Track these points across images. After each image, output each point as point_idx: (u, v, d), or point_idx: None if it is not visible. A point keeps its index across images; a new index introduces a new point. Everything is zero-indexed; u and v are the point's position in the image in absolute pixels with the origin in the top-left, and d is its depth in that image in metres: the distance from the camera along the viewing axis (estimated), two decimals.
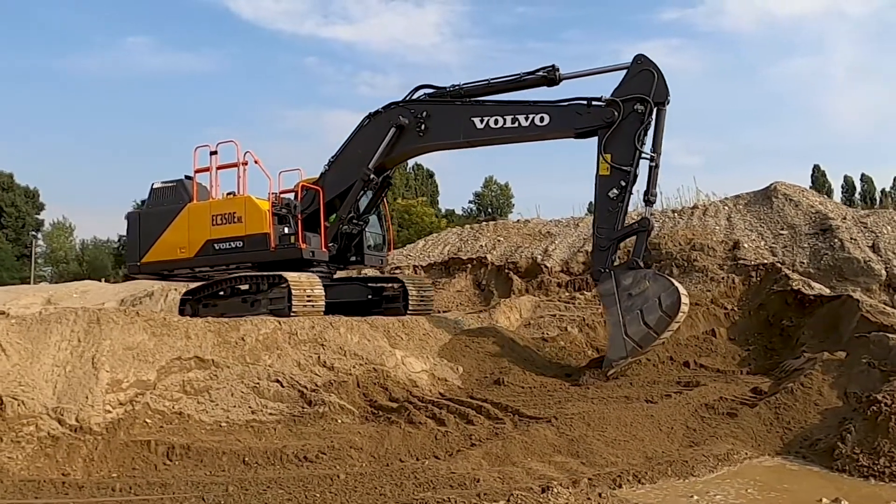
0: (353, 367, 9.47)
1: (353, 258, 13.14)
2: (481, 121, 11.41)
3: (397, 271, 19.26)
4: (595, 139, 10.95)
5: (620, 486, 6.02)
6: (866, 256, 13.86)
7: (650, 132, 10.59)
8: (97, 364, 7.90)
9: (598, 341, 12.73)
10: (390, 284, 12.93)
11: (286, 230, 12.48)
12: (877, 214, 16.27)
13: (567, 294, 16.01)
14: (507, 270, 19.15)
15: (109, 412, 7.53)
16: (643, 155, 10.51)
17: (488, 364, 10.82)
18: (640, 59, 10.63)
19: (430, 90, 12.18)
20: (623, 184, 10.52)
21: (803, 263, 14.45)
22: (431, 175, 64.57)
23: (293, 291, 10.62)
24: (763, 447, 7.21)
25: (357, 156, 12.37)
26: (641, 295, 10.06)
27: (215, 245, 12.90)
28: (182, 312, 13.88)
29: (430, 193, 64.09)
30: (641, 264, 10.42)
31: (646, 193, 10.80)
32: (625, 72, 10.79)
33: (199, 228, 13.04)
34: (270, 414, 8.09)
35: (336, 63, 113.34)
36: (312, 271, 12.19)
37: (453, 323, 12.39)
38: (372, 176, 12.17)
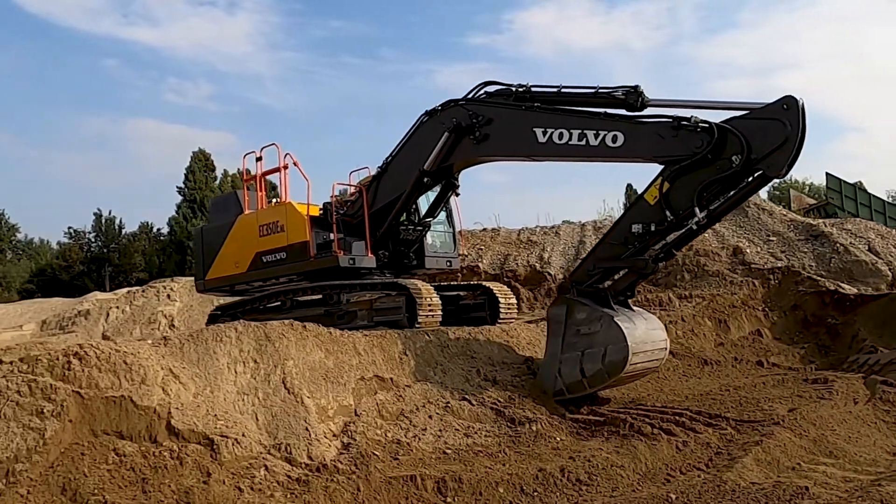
0: (513, 378, 8.76)
1: (413, 263, 12.16)
2: (544, 133, 9.39)
3: None
4: None
5: None
6: (872, 259, 15.33)
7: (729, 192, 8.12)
8: (292, 389, 6.64)
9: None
10: (475, 292, 12.14)
11: (331, 237, 11.35)
12: (853, 222, 18.07)
13: None
14: (506, 279, 18.85)
15: (329, 445, 6.33)
16: (697, 214, 8.01)
17: None
18: (788, 104, 7.49)
19: (494, 88, 10.43)
20: (653, 228, 8.31)
21: (812, 266, 15.64)
22: (274, 187, 61.82)
23: (417, 301, 9.62)
24: None
25: (413, 157, 11.29)
26: (589, 337, 8.48)
27: (263, 258, 11.58)
28: None
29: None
30: (612, 300, 8.68)
31: (665, 247, 8.89)
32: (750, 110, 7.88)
33: (249, 241, 11.76)
34: (486, 436, 7.22)
35: (139, 67, 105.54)
36: (363, 281, 11.17)
37: (540, 331, 11.90)
38: (427, 179, 10.98)
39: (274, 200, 12.26)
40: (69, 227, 62.15)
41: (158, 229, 60.70)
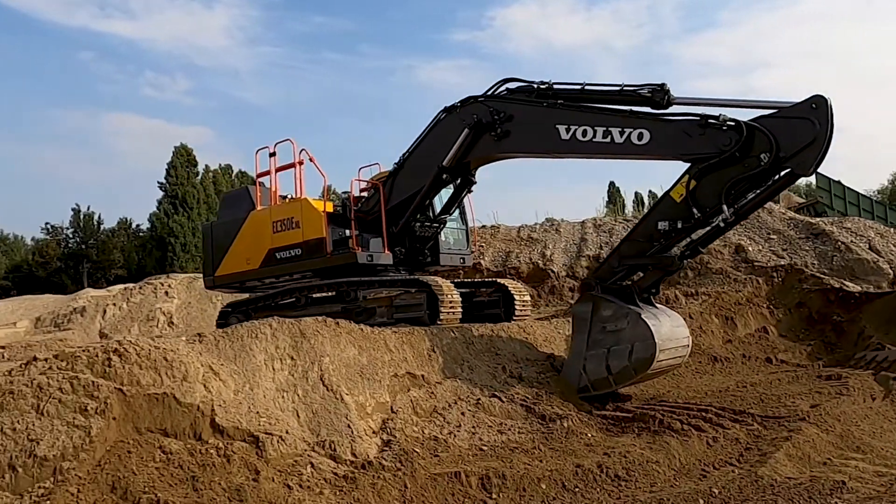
0: (538, 375, 8.80)
1: (428, 260, 12.16)
2: (567, 130, 9.28)
3: None
4: None
5: None
6: (874, 257, 15.56)
7: (756, 191, 8.19)
8: (330, 386, 6.64)
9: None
10: (490, 289, 12.16)
11: (347, 233, 11.33)
12: (852, 221, 18.32)
13: None
14: (508, 276, 18.89)
15: (370, 442, 6.33)
16: (724, 212, 8.04)
17: None
18: (816, 103, 7.49)
19: (515, 85, 10.31)
20: (679, 225, 8.30)
21: (814, 265, 15.84)
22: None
23: (440, 297, 9.63)
24: None
25: (430, 154, 11.26)
26: (615, 334, 8.45)
27: (276, 254, 11.53)
28: (226, 326, 12.12)
29: None
30: (637, 297, 8.69)
31: (691, 244, 8.95)
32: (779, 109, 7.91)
33: (262, 237, 11.70)
34: (519, 433, 7.24)
35: (116, 60, 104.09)
36: (379, 277, 11.17)
37: (553, 327, 11.95)
38: (446, 176, 10.94)
39: (288, 196, 12.19)
40: (46, 223, 61.23)
41: (138, 225, 60.01)
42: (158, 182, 52.57)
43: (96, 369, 5.94)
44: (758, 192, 8.13)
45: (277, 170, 11.96)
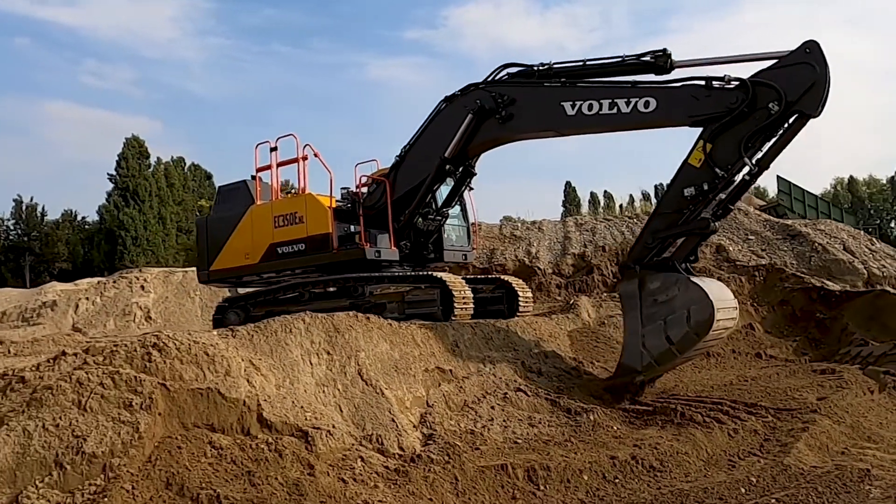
0: (556, 369, 8.92)
1: (432, 255, 12.15)
2: (573, 106, 9.29)
3: None
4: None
5: None
6: (849, 258, 16.22)
7: (771, 140, 8.32)
8: (369, 380, 6.62)
9: None
10: (493, 285, 12.21)
11: (352, 229, 11.28)
12: (825, 223, 19.04)
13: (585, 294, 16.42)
14: (495, 273, 19.03)
15: (413, 436, 6.34)
16: (747, 165, 8.24)
17: None
18: (810, 47, 7.87)
19: (515, 69, 10.29)
20: (706, 187, 8.35)
21: (793, 264, 16.42)
22: (209, 176, 59.44)
23: (454, 293, 9.65)
24: None
25: (432, 145, 11.12)
26: (668, 304, 8.38)
27: (278, 249, 11.37)
28: (223, 323, 11.92)
29: (209, 195, 58.65)
30: (679, 267, 8.66)
31: (721, 203, 8.90)
32: (775, 60, 8.20)
33: (263, 232, 11.51)
34: (549, 426, 7.34)
35: (55, 48, 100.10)
36: (384, 273, 11.17)
37: (554, 323, 12.12)
38: (449, 166, 10.87)
39: (291, 191, 12.03)
40: None
41: (84, 217, 57.97)
42: (108, 174, 50.89)
43: (136, 364, 5.79)
44: (773, 140, 8.28)
45: (279, 164, 11.79)
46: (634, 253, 9.00)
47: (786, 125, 8.17)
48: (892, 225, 72.19)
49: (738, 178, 8.42)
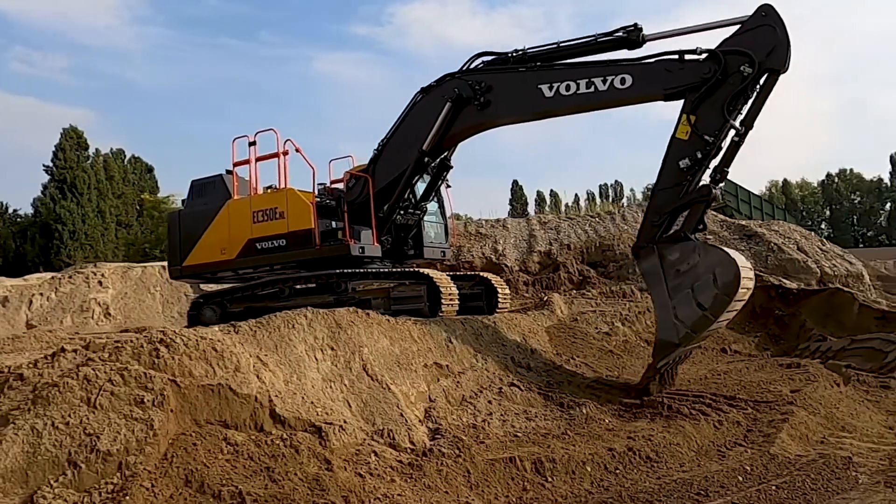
0: (543, 364, 9.12)
1: (412, 252, 12.19)
2: (550, 88, 9.55)
3: None
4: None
5: None
6: (803, 257, 17.00)
7: (749, 101, 8.71)
8: (374, 376, 6.66)
9: (644, 334, 13.68)
10: (472, 282, 12.30)
11: (333, 225, 11.24)
12: (778, 224, 19.89)
13: (593, 291, 16.73)
14: (463, 269, 19.19)
15: (420, 430, 6.41)
16: (732, 127, 8.61)
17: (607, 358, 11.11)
18: (766, 10, 8.52)
19: (490, 57, 10.51)
20: (699, 155, 8.62)
21: (751, 263, 17.08)
22: (151, 170, 57.82)
23: (441, 290, 9.72)
24: None
25: (409, 137, 10.99)
26: (692, 271, 8.45)
27: (257, 244, 11.19)
28: (199, 319, 11.68)
29: (150, 189, 57.05)
30: (692, 237, 8.78)
31: (716, 168, 8.93)
32: (738, 26, 8.75)
33: (240, 227, 11.25)
34: (545, 420, 7.51)
35: None
36: (366, 269, 11.19)
37: (531, 319, 12.32)
38: (427, 158, 10.91)
39: (266, 186, 11.83)
40: None
41: (14, 210, 55.28)
42: (44, 165, 48.42)
43: (144, 360, 5.68)
44: (752, 100, 8.68)
45: (258, 159, 11.59)
46: (644, 233, 9.14)
47: (759, 84, 8.66)
48: (823, 226, 75.78)
49: (727, 141, 8.79)
